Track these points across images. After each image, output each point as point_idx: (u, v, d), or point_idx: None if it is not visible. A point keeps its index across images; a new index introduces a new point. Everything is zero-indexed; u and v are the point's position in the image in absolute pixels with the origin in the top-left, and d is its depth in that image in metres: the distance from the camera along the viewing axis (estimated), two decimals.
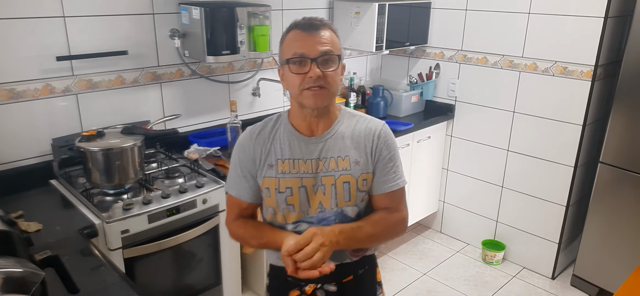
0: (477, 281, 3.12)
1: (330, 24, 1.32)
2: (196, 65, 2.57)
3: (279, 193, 1.33)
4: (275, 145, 1.35)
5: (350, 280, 1.44)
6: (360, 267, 1.45)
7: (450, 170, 3.52)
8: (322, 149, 1.34)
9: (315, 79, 1.24)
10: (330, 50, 1.26)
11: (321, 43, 1.26)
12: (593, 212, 2.89)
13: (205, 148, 2.46)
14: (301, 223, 1.35)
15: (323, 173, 1.33)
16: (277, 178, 1.33)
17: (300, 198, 1.33)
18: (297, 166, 1.33)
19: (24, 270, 1.02)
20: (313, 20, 1.29)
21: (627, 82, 2.63)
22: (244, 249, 2.43)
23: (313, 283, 1.41)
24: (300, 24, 1.29)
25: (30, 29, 2.00)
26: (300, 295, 1.43)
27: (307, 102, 1.28)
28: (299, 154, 1.34)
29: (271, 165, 1.34)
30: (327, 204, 1.33)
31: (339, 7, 3.10)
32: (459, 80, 3.31)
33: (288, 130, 1.36)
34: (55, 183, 2.13)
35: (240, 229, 1.43)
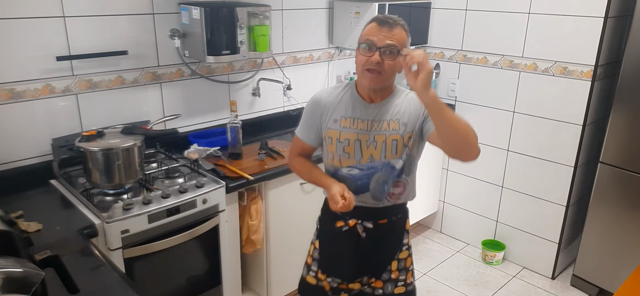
0: (477, 281, 3.12)
1: (404, 24, 1.61)
2: (196, 65, 2.57)
3: (339, 143, 1.68)
4: (341, 105, 1.69)
5: (384, 222, 1.74)
6: (394, 214, 1.76)
7: (450, 170, 3.52)
8: (377, 113, 1.66)
9: (375, 64, 1.56)
10: (394, 44, 1.55)
11: (389, 37, 1.55)
12: (593, 212, 2.89)
13: (205, 148, 2.46)
14: (353, 169, 1.67)
15: (376, 132, 1.65)
16: (339, 131, 1.68)
17: (355, 149, 1.67)
18: (355, 123, 1.67)
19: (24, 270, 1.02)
20: (387, 19, 1.59)
21: (627, 82, 2.63)
22: (244, 249, 2.43)
23: (354, 218, 1.72)
24: (379, 19, 1.59)
25: (30, 29, 2.00)
26: (344, 225, 1.75)
27: (364, 82, 1.62)
28: (358, 114, 1.67)
29: (336, 120, 1.69)
30: (377, 156, 1.66)
31: (339, 7, 3.10)
32: (459, 80, 3.31)
33: (353, 95, 1.70)
34: (55, 183, 2.13)
35: (299, 164, 1.83)
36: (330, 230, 1.78)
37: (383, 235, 1.76)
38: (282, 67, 2.99)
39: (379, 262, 1.79)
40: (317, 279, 1.84)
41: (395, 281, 1.81)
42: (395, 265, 1.80)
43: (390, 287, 1.80)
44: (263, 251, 2.50)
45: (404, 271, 1.81)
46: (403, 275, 1.81)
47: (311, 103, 1.75)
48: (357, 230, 1.74)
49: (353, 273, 1.79)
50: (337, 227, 1.76)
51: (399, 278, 1.81)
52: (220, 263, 2.26)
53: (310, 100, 1.76)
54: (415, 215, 3.45)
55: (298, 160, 1.83)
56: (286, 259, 2.61)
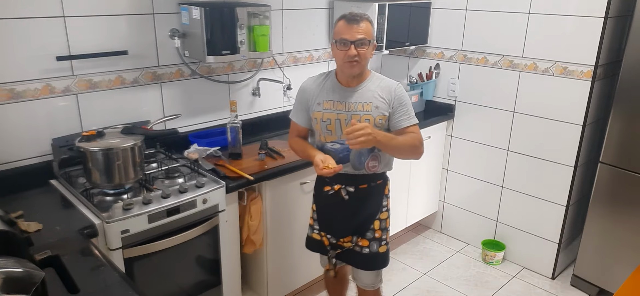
0: (477, 281, 3.12)
1: (368, 18, 1.93)
2: (196, 65, 2.57)
3: (322, 122, 2.03)
4: (323, 90, 2.04)
5: (365, 187, 2.06)
6: (373, 180, 2.06)
7: (450, 170, 3.52)
8: (353, 96, 2.00)
9: (353, 56, 1.89)
10: (364, 37, 1.90)
11: (359, 32, 1.89)
12: (593, 211, 2.89)
13: (205, 148, 2.46)
14: (335, 144, 1.96)
15: (352, 112, 1.98)
16: (322, 112, 2.02)
17: (335, 127, 2.01)
18: (335, 105, 2.01)
19: (24, 270, 1.02)
20: (354, 16, 1.90)
21: (627, 82, 2.63)
22: (244, 249, 2.43)
23: (338, 183, 2.05)
24: (347, 17, 1.91)
25: (30, 29, 2.00)
26: (330, 190, 2.07)
27: (346, 70, 1.96)
28: (337, 97, 2.01)
29: (319, 103, 2.03)
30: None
31: (339, 7, 3.10)
32: (459, 80, 3.31)
33: (333, 81, 2.05)
34: (55, 183, 2.13)
35: (295, 144, 2.15)
36: (321, 193, 2.12)
37: (364, 197, 2.07)
38: (282, 67, 2.99)
39: (363, 221, 2.09)
40: (319, 235, 2.18)
41: (379, 241, 2.11)
42: (377, 224, 2.10)
43: (375, 246, 2.11)
44: (263, 251, 2.50)
45: (385, 230, 2.13)
46: (385, 234, 2.13)
47: (299, 91, 2.11)
48: (341, 193, 2.06)
49: (341, 230, 2.11)
50: (324, 191, 2.09)
51: (382, 237, 2.12)
52: (220, 263, 2.26)
53: (299, 88, 2.12)
54: (415, 215, 3.46)
55: (295, 141, 2.15)
56: (286, 259, 2.61)
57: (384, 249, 2.13)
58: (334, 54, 1.97)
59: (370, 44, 1.93)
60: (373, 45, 1.96)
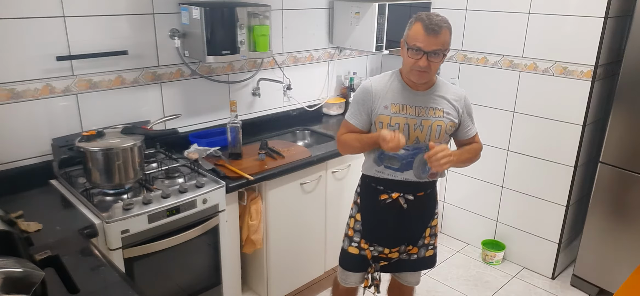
0: (477, 281, 3.12)
1: (446, 26, 1.79)
2: (196, 65, 2.57)
3: (390, 126, 1.87)
4: (390, 92, 1.90)
5: (422, 195, 1.99)
6: (429, 187, 2.01)
7: (450, 170, 3.52)
8: (424, 100, 1.89)
9: (423, 67, 1.78)
10: (439, 49, 1.77)
11: (435, 43, 1.75)
12: (593, 212, 2.89)
13: (205, 148, 2.46)
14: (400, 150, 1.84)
15: (423, 117, 1.88)
16: (389, 116, 1.88)
17: (403, 132, 1.86)
18: (404, 109, 1.88)
19: (24, 270, 1.02)
20: (433, 24, 1.75)
21: (627, 82, 2.63)
22: (244, 249, 2.43)
23: (396, 191, 1.95)
24: (424, 23, 1.76)
25: (30, 29, 2.00)
26: (388, 198, 1.96)
27: (412, 78, 1.85)
28: (407, 101, 1.88)
29: (386, 106, 1.88)
30: (422, 139, 1.89)
31: (339, 7, 3.10)
32: (459, 80, 3.31)
33: (401, 83, 1.91)
34: (55, 183, 2.13)
35: (347, 137, 1.97)
36: (373, 202, 1.99)
37: (421, 205, 2.00)
38: (282, 67, 2.99)
39: (417, 230, 2.04)
40: (359, 248, 2.06)
41: (427, 246, 2.08)
42: (428, 231, 2.06)
43: (423, 252, 2.07)
44: (263, 251, 2.50)
45: (433, 236, 2.09)
46: (433, 239, 2.09)
47: (362, 92, 1.94)
48: (400, 201, 1.96)
49: (395, 240, 2.02)
50: (381, 199, 1.97)
51: (430, 242, 2.09)
52: (220, 263, 2.26)
53: (361, 88, 1.96)
54: None
55: (348, 135, 1.98)
56: (286, 259, 2.61)
57: (430, 253, 2.10)
58: (402, 54, 1.86)
59: (444, 55, 1.82)
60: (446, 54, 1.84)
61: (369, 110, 1.91)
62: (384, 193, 1.96)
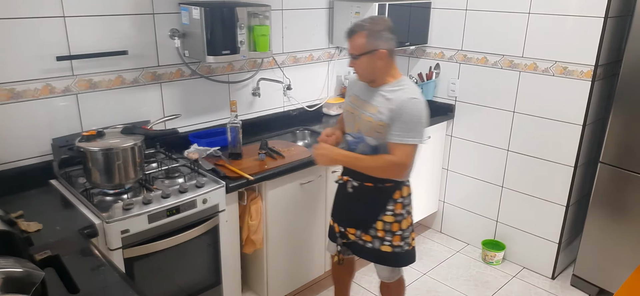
0: (477, 281, 3.12)
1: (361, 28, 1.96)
2: (196, 65, 2.57)
3: (345, 113, 2.19)
4: (355, 86, 2.16)
5: (370, 185, 2.07)
6: (381, 182, 2.06)
7: (450, 170, 3.52)
8: (369, 96, 2.05)
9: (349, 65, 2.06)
10: (353, 53, 1.99)
11: (350, 48, 2.00)
12: (593, 212, 2.89)
13: (205, 148, 2.46)
14: (349, 136, 2.14)
15: (362, 111, 2.05)
16: (347, 105, 2.17)
17: (348, 120, 2.14)
18: (356, 101, 2.11)
19: (24, 270, 1.02)
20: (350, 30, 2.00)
21: (627, 82, 2.63)
22: (244, 249, 2.43)
23: (347, 176, 2.14)
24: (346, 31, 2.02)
25: (30, 29, 2.00)
26: (340, 179, 2.20)
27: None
28: (359, 95, 2.11)
29: (349, 96, 2.19)
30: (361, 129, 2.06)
31: (339, 7, 3.10)
32: (459, 80, 3.31)
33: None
34: (55, 183, 2.13)
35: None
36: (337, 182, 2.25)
37: (367, 194, 2.10)
38: (282, 67, 2.99)
39: (364, 218, 2.13)
40: (332, 221, 2.31)
41: (382, 240, 2.13)
42: (380, 225, 2.11)
43: (377, 243, 2.15)
44: (263, 251, 2.50)
45: (389, 233, 2.12)
46: (389, 236, 2.12)
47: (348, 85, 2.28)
48: (347, 185, 2.14)
49: (343, 220, 2.22)
50: (338, 180, 2.21)
51: (385, 238, 2.13)
52: (220, 263, 2.26)
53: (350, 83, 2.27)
54: (415, 215, 3.45)
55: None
56: (286, 259, 2.61)
57: (387, 249, 2.13)
58: None
59: (359, 57, 1.96)
60: (370, 56, 1.94)
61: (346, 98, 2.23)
62: (340, 175, 2.20)
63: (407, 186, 2.13)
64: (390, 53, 1.99)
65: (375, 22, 1.98)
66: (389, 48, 1.98)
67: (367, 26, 1.94)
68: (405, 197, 2.12)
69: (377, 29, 1.94)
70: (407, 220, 2.14)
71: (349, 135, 2.12)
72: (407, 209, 2.14)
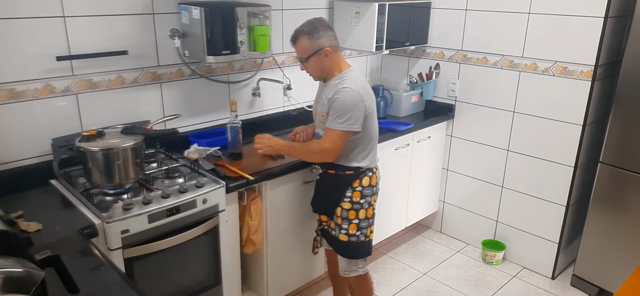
0: (477, 281, 3.12)
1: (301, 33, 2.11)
2: (196, 65, 2.57)
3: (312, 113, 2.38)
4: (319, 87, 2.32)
5: (332, 173, 2.24)
6: (341, 170, 2.21)
7: (450, 170, 3.52)
8: (321, 93, 2.24)
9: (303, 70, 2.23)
10: (300, 57, 2.17)
11: (298, 53, 2.18)
12: (593, 211, 2.89)
13: (205, 148, 2.46)
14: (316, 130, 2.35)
15: (317, 105, 2.27)
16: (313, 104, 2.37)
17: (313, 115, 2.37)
18: (316, 98, 2.33)
19: (24, 270, 1.02)
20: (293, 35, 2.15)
21: (627, 82, 2.63)
22: (244, 249, 2.43)
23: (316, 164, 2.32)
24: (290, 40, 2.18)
25: (30, 29, 2.00)
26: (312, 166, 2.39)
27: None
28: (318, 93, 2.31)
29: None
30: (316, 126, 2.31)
31: (339, 7, 3.10)
32: (459, 80, 3.31)
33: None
34: (55, 183, 2.13)
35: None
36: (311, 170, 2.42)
37: (329, 182, 2.26)
38: (282, 67, 2.99)
39: (327, 204, 2.28)
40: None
41: (339, 227, 2.25)
42: (339, 211, 2.23)
43: (336, 231, 2.27)
44: (263, 251, 2.50)
45: (346, 221, 2.23)
46: (345, 224, 2.23)
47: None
48: (316, 172, 2.34)
49: (315, 205, 2.37)
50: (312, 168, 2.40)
51: (342, 225, 2.24)
52: (220, 263, 2.26)
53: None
54: (415, 215, 3.46)
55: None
56: (286, 259, 2.61)
57: (343, 238, 2.25)
58: None
59: (307, 60, 2.12)
60: (317, 56, 2.11)
61: None
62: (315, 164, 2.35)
63: (368, 176, 2.22)
64: (334, 48, 2.14)
65: (312, 24, 2.11)
66: (332, 44, 2.13)
67: (306, 29, 2.09)
68: (365, 187, 2.21)
69: (316, 30, 2.09)
70: (365, 211, 2.23)
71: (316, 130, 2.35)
72: (368, 200, 2.24)
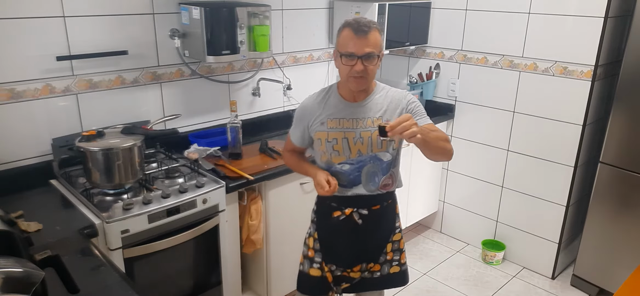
0: (477, 281, 3.12)
1: (375, 26, 1.70)
2: (196, 65, 2.57)
3: (327, 142, 1.80)
4: (327, 108, 1.83)
5: (377, 208, 1.87)
6: (385, 200, 1.89)
7: (450, 170, 3.52)
8: (360, 111, 1.80)
9: (359, 72, 1.68)
10: (372, 51, 1.68)
11: (366, 45, 1.67)
12: (593, 212, 2.89)
13: (205, 148, 2.46)
14: (344, 165, 1.81)
15: (361, 129, 1.78)
16: (326, 132, 1.80)
17: (343, 146, 1.79)
18: (341, 123, 1.80)
19: (24, 270, 1.02)
20: (361, 25, 1.67)
21: (627, 82, 2.63)
22: (244, 249, 2.43)
23: (349, 207, 1.85)
24: (352, 26, 1.68)
25: (30, 29, 2.00)
26: (341, 215, 1.87)
27: (351, 86, 1.76)
28: (343, 114, 1.80)
29: (322, 122, 1.81)
30: (365, 151, 1.79)
31: (339, 7, 3.10)
32: (459, 80, 3.31)
33: (337, 97, 1.83)
34: (55, 183, 2.13)
35: (289, 158, 2.01)
36: (328, 221, 1.90)
37: (377, 219, 1.90)
38: (282, 67, 2.99)
39: (376, 246, 1.92)
40: (321, 270, 1.94)
41: (391, 262, 1.95)
42: (390, 247, 1.95)
43: (386, 268, 1.95)
44: (263, 251, 2.50)
45: (397, 252, 1.96)
46: (397, 255, 1.96)
47: (299, 110, 1.91)
48: (353, 217, 1.86)
49: (353, 259, 1.92)
50: (334, 217, 1.87)
51: (394, 258, 1.96)
52: (220, 263, 2.26)
53: (300, 105, 1.92)
54: (415, 215, 3.46)
55: (289, 155, 2.01)
56: (286, 259, 2.61)
57: (396, 269, 1.96)
58: (337, 65, 1.76)
59: (378, 57, 1.72)
60: (381, 56, 1.75)
61: (305, 126, 1.86)
62: (337, 210, 1.86)
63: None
64: None
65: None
66: None
67: (377, 24, 1.74)
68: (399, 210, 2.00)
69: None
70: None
71: (345, 163, 1.80)
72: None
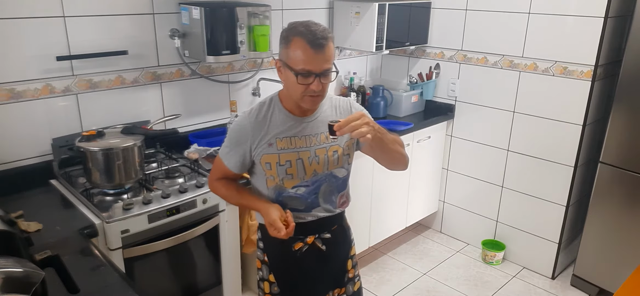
0: (477, 281, 3.12)
1: (330, 36, 1.47)
2: (196, 65, 2.57)
3: (280, 166, 1.56)
4: (272, 126, 1.56)
5: (335, 228, 1.71)
6: (340, 219, 1.73)
7: (450, 170, 3.52)
8: (310, 127, 1.58)
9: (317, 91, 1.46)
10: (330, 66, 1.47)
11: (325, 60, 1.44)
12: (593, 212, 2.89)
13: (205, 148, 2.46)
14: (299, 188, 1.59)
15: (316, 146, 1.58)
16: (277, 154, 1.55)
17: (298, 168, 1.57)
18: (293, 142, 1.56)
19: (24, 270, 1.02)
20: (318, 38, 1.42)
21: (627, 82, 2.63)
22: (244, 249, 2.43)
23: (311, 235, 1.65)
24: (307, 37, 1.42)
25: (30, 29, 2.00)
26: (304, 246, 1.66)
27: (306, 105, 1.52)
28: (294, 132, 1.57)
29: (271, 143, 1.55)
30: (320, 170, 1.59)
31: (339, 7, 3.10)
32: (459, 80, 3.31)
33: (283, 112, 1.58)
34: (55, 183, 2.13)
35: (222, 188, 1.68)
36: (285, 256, 1.66)
37: (339, 240, 1.73)
38: None
39: (339, 269, 1.75)
40: None
41: (353, 280, 1.80)
42: (350, 263, 1.79)
43: (351, 288, 1.79)
44: None
45: (356, 266, 1.82)
46: (356, 270, 1.82)
47: (235, 131, 1.59)
48: (317, 244, 1.66)
49: (322, 290, 1.73)
50: (294, 251, 1.64)
51: (355, 274, 1.81)
52: (220, 263, 2.26)
53: (235, 125, 1.61)
54: (415, 215, 3.46)
55: (221, 183, 1.67)
56: None
57: (357, 285, 1.82)
58: (284, 79, 1.51)
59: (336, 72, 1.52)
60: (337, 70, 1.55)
61: (245, 151, 1.57)
62: (297, 242, 1.64)
63: None
64: None
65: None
66: None
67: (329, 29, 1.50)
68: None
69: None
70: None
71: (299, 187, 1.59)
72: None
